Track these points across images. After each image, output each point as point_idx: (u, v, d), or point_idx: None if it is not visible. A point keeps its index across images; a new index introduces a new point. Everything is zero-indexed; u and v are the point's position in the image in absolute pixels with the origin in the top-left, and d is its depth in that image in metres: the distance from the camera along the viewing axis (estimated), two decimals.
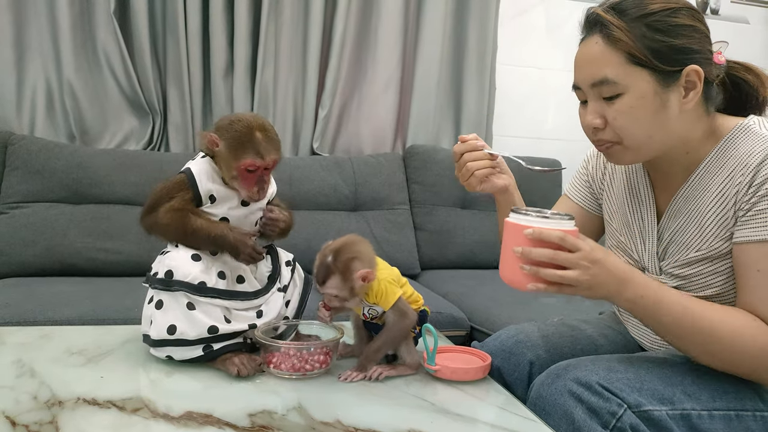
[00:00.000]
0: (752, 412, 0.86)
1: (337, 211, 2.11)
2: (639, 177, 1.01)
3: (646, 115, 0.85)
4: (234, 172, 0.91)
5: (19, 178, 1.82)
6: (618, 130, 0.87)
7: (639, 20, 0.83)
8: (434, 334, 0.90)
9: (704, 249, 0.89)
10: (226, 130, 0.91)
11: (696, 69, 0.84)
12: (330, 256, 0.86)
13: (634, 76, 0.84)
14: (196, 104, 2.13)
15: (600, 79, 0.85)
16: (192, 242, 0.92)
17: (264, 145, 0.90)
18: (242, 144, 0.90)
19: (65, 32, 1.99)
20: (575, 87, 0.92)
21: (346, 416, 0.76)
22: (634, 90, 0.84)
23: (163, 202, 0.92)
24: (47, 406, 0.75)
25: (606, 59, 0.85)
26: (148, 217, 0.93)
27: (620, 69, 0.84)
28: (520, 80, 2.56)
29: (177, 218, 0.91)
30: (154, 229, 0.93)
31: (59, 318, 1.39)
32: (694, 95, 0.85)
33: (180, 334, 0.87)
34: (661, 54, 0.83)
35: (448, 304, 1.75)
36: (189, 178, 0.93)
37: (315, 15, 2.18)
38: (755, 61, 0.96)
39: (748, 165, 0.84)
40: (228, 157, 0.91)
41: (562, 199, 1.15)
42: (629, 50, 0.83)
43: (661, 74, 0.84)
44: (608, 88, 0.85)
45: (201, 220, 0.92)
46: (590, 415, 0.79)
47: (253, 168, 0.90)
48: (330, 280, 0.86)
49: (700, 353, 0.85)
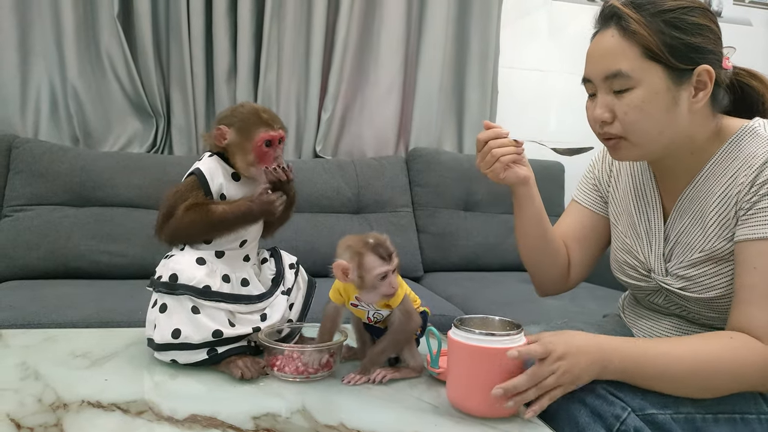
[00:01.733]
0: (757, 415, 0.85)
1: (340, 213, 2.11)
2: (645, 178, 1.01)
3: (657, 111, 0.85)
4: (251, 154, 0.92)
5: (23, 181, 1.83)
6: (627, 124, 0.86)
7: (657, 16, 0.83)
8: (438, 336, 0.90)
9: (707, 250, 0.89)
10: (233, 117, 0.93)
11: (708, 69, 0.84)
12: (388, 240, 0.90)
13: (648, 71, 0.84)
14: (199, 107, 2.13)
15: (614, 71, 0.85)
16: (221, 230, 0.92)
17: (272, 117, 0.93)
18: (253, 122, 0.92)
19: (69, 35, 2.00)
20: (585, 80, 0.91)
21: (349, 419, 0.76)
22: (647, 84, 0.84)
23: (178, 205, 0.91)
24: (52, 408, 0.76)
25: (622, 52, 0.84)
26: (167, 226, 0.92)
27: (635, 62, 0.83)
28: (522, 83, 2.56)
29: (199, 213, 0.91)
30: (177, 233, 0.93)
31: (63, 321, 1.40)
32: (704, 95, 0.85)
33: (184, 338, 0.87)
34: (676, 50, 0.83)
35: (452, 307, 1.75)
36: (199, 177, 0.93)
37: (318, 18, 2.19)
38: (758, 63, 0.97)
39: (751, 166, 0.85)
40: (241, 141, 0.92)
41: (572, 205, 1.15)
42: (646, 44, 0.83)
43: (674, 71, 0.84)
44: (621, 82, 0.85)
45: (222, 206, 0.92)
46: (594, 419, 0.79)
47: (269, 140, 0.92)
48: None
49: (698, 391, 0.83)
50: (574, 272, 1.12)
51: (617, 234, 1.05)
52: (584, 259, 1.11)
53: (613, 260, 1.07)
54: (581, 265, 1.12)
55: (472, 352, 0.77)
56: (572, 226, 1.12)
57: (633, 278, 1.02)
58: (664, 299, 0.99)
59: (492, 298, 1.81)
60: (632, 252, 1.01)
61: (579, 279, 1.13)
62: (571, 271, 1.11)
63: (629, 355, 0.80)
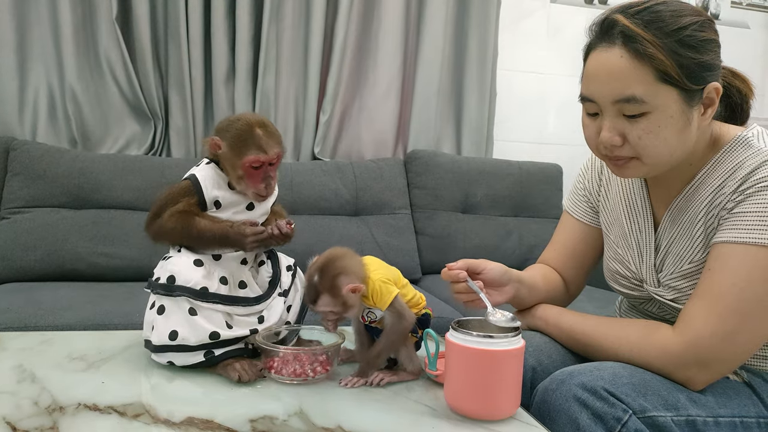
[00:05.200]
0: (756, 419, 0.85)
1: (339, 215, 2.11)
2: (635, 188, 1.00)
3: (672, 135, 0.82)
4: (239, 171, 0.91)
5: (21, 183, 1.82)
6: (641, 149, 0.83)
7: (671, 36, 0.78)
8: (435, 339, 0.90)
9: (696, 260, 0.89)
10: (227, 131, 0.92)
11: (716, 87, 0.82)
12: (315, 275, 0.86)
13: (663, 96, 0.79)
14: (197, 109, 2.13)
15: (627, 96, 0.80)
16: (199, 244, 0.92)
17: (265, 140, 0.91)
18: (244, 141, 0.91)
19: (67, 38, 2.00)
20: (586, 99, 0.85)
21: (347, 422, 0.76)
22: (663, 109, 0.80)
23: (168, 207, 0.92)
24: (48, 411, 0.75)
25: (635, 76, 0.79)
26: (154, 224, 0.93)
27: (649, 87, 0.79)
28: (520, 85, 2.57)
29: (182, 221, 0.91)
30: (160, 234, 0.93)
31: (60, 323, 1.39)
32: (712, 111, 0.83)
33: (182, 339, 0.87)
34: (690, 72, 0.79)
35: (450, 309, 1.74)
36: (194, 184, 0.93)
37: (316, 20, 2.19)
38: (755, 66, 0.96)
39: (736, 176, 0.84)
40: (232, 157, 0.91)
41: (565, 217, 1.14)
42: (661, 67, 0.78)
43: (687, 92, 0.80)
44: (634, 107, 0.80)
45: (204, 221, 0.92)
46: (595, 421, 0.79)
47: (257, 164, 0.91)
48: (320, 300, 0.86)
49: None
50: (572, 288, 1.13)
51: (609, 243, 1.05)
52: (580, 273, 1.12)
53: (606, 269, 1.06)
54: (578, 278, 1.13)
55: (470, 354, 0.77)
56: (567, 243, 1.12)
57: (625, 287, 1.02)
58: (657, 308, 0.99)
59: None
60: (624, 262, 1.00)
61: (578, 292, 1.15)
62: (570, 288, 1.13)
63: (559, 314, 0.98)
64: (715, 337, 0.81)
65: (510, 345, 0.77)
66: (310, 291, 0.86)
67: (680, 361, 0.83)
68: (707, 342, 0.81)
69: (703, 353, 0.82)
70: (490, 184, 2.28)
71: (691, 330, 0.82)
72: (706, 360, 0.82)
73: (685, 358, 0.82)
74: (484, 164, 2.33)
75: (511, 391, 0.79)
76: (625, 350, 0.88)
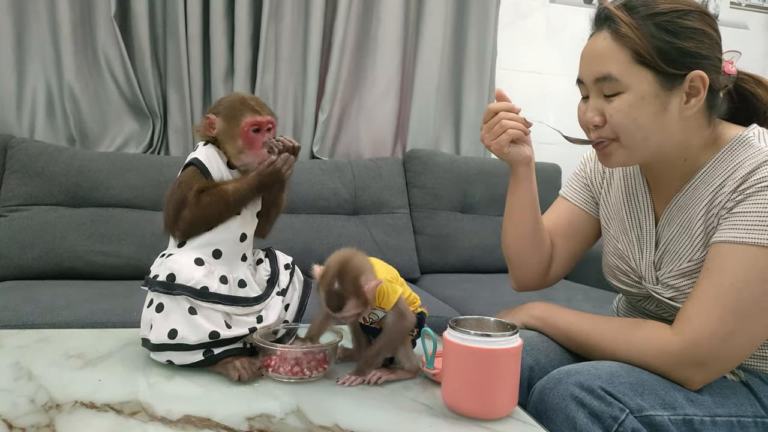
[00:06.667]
0: (753, 419, 0.85)
1: (337, 215, 2.11)
2: (637, 183, 1.01)
3: (644, 117, 0.84)
4: (239, 141, 0.92)
5: (19, 181, 1.82)
6: (615, 127, 0.86)
7: (648, 19, 0.83)
8: (433, 337, 0.90)
9: (695, 259, 0.89)
10: (218, 107, 0.94)
11: (701, 75, 0.83)
12: (335, 283, 0.83)
13: (637, 76, 0.83)
14: (196, 108, 2.13)
15: (604, 74, 0.85)
16: (238, 206, 0.92)
17: (258, 103, 0.93)
18: (238, 109, 0.92)
19: (66, 35, 1.99)
20: (579, 81, 0.91)
21: (344, 420, 0.76)
22: (635, 90, 0.83)
23: (188, 195, 0.90)
24: (45, 409, 0.75)
25: (612, 55, 0.84)
26: (181, 217, 0.90)
27: (624, 67, 0.83)
28: (519, 85, 2.57)
29: (213, 195, 0.90)
30: (195, 221, 0.90)
31: (58, 321, 1.39)
32: (696, 102, 0.84)
33: (181, 338, 0.87)
34: (667, 55, 0.82)
35: (448, 308, 1.75)
36: (199, 165, 0.93)
37: (315, 19, 2.19)
38: (755, 66, 0.96)
39: (736, 176, 0.84)
40: (229, 128, 0.92)
41: (560, 201, 1.13)
42: (636, 48, 0.82)
43: (664, 76, 0.83)
44: (610, 85, 0.85)
45: (231, 184, 0.91)
46: (592, 420, 0.79)
47: (256, 125, 0.91)
48: (347, 305, 0.84)
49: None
50: (555, 268, 1.10)
51: (609, 238, 1.05)
52: (567, 256, 1.10)
53: (605, 264, 1.06)
54: (563, 261, 1.10)
55: (468, 353, 0.77)
56: (559, 222, 1.11)
57: (624, 284, 1.02)
58: (655, 306, 0.98)
59: (488, 299, 1.81)
60: (624, 258, 1.00)
61: (558, 276, 1.12)
62: (552, 266, 1.10)
63: (557, 310, 0.99)
64: (714, 337, 0.81)
65: (507, 344, 0.77)
66: (333, 299, 0.84)
67: (678, 361, 0.83)
68: (705, 342, 0.81)
69: (701, 353, 0.82)
70: (488, 184, 2.28)
71: (689, 330, 0.82)
72: (704, 360, 0.82)
73: (683, 358, 0.82)
74: (483, 164, 2.33)
75: (509, 390, 0.79)
76: (622, 349, 0.88)
